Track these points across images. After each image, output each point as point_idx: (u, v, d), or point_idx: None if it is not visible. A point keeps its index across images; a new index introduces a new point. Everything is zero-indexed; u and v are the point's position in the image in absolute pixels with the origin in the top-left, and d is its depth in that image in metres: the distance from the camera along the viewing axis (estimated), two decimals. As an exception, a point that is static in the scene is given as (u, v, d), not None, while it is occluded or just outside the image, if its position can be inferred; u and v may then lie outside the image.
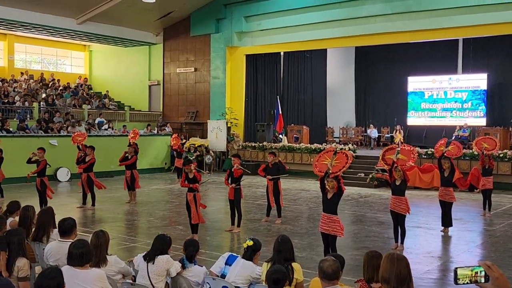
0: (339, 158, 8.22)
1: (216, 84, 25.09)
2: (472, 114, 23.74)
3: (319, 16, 21.74)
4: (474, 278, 2.47)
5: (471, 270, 2.48)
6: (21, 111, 22.34)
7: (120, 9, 23.50)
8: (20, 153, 18.60)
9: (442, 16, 19.28)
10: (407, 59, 25.19)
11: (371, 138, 24.66)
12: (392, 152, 9.83)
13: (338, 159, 8.18)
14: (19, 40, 27.49)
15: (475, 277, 2.47)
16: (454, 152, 11.52)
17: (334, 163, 8.09)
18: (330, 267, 4.22)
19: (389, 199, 9.82)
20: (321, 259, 4.36)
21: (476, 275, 2.48)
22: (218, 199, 16.11)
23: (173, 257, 5.61)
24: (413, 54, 24.82)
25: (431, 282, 7.67)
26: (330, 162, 8.05)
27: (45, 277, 3.76)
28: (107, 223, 12.09)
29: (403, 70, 25.54)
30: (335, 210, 8.17)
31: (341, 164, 8.13)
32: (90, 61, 31.13)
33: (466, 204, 14.78)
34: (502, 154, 17.44)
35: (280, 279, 4.38)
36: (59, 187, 18.57)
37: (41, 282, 3.73)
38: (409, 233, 9.94)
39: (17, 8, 22.02)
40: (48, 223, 6.48)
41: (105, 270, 5.07)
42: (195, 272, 5.45)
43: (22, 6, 22.05)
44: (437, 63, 24.51)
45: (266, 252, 6.58)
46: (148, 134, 24.11)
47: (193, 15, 25.60)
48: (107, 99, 27.72)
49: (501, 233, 11.21)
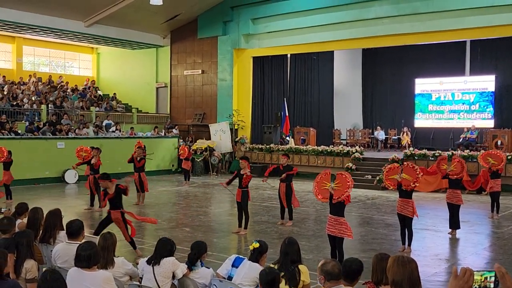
0: (339, 180, 8.03)
1: (223, 86, 25.12)
2: (480, 116, 23.64)
3: (326, 18, 21.72)
4: (483, 283, 2.41)
5: (481, 275, 2.42)
6: (29, 113, 22.46)
7: (128, 12, 23.59)
8: (28, 155, 18.75)
9: (449, 18, 19.22)
10: (414, 61, 25.13)
11: (378, 140, 24.58)
12: (394, 172, 9.60)
13: (339, 182, 8.01)
14: (28, 42, 27.66)
15: (484, 282, 2.41)
16: (458, 171, 11.40)
17: (335, 186, 8.00)
18: (335, 266, 4.26)
19: (396, 201, 9.79)
20: (322, 263, 4.36)
21: (486, 280, 2.41)
22: (225, 201, 16.13)
23: (179, 259, 5.62)
24: (420, 56, 24.76)
25: (439, 284, 7.64)
26: (331, 186, 8.00)
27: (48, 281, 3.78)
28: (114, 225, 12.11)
29: (410, 71, 25.47)
30: (342, 212, 8.19)
31: (343, 187, 7.93)
32: (98, 64, 31.27)
33: (473, 207, 14.71)
34: (510, 156, 17.34)
35: (275, 280, 4.38)
36: (67, 189, 18.66)
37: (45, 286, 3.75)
38: (416, 235, 9.91)
39: (25, 11, 22.14)
40: (55, 225, 6.51)
41: (112, 272, 5.08)
42: (202, 274, 5.46)
43: (30, 9, 22.17)
44: (444, 65, 24.42)
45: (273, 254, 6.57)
46: (155, 136, 24.17)
47: (200, 18, 25.65)
48: (115, 101, 27.81)
49: (509, 235, 11.15)
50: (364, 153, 21.12)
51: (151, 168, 20.59)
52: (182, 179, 20.27)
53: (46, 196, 16.27)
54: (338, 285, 4.25)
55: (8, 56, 27.52)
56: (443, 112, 24.82)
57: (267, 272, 4.47)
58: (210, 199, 16.95)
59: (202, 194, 17.65)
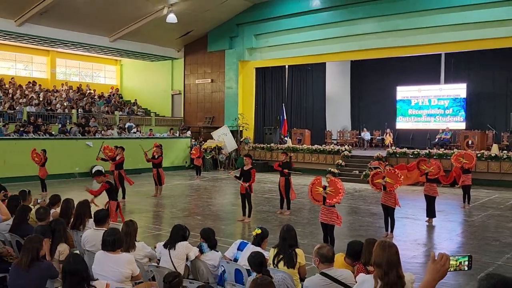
0: (332, 186, 7.93)
1: (230, 93, 25.13)
2: (453, 119, 23.57)
3: (319, 34, 21.74)
4: (458, 267, 2.41)
5: (456, 260, 2.41)
6: (61, 117, 22.49)
7: (147, 29, 23.61)
8: (61, 153, 18.79)
9: (426, 34, 19.19)
10: (396, 71, 25.08)
11: (364, 140, 24.55)
12: (379, 177, 9.49)
13: (331, 187, 7.91)
14: (60, 55, 27.69)
15: (459, 266, 2.41)
16: (435, 172, 11.37)
17: (329, 191, 7.93)
18: (330, 251, 4.25)
19: (381, 194, 9.76)
20: (318, 247, 4.35)
21: (460, 264, 2.41)
22: (231, 193, 16.13)
23: (192, 244, 5.62)
24: (401, 67, 24.70)
25: (417, 266, 7.63)
26: (324, 191, 7.96)
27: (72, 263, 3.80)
28: (135, 214, 12.13)
29: (392, 80, 25.41)
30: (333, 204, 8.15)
31: (335, 193, 7.84)
32: (121, 74, 31.28)
33: (448, 198, 14.68)
34: (480, 154, 17.30)
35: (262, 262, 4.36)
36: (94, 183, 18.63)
37: (71, 268, 3.77)
38: (397, 223, 9.88)
39: (58, 28, 22.20)
40: (85, 214, 6.53)
41: (133, 254, 5.09)
42: (211, 256, 5.46)
43: (63, 26, 22.23)
44: (422, 75, 24.37)
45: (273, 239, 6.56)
46: (171, 137, 24.18)
47: (210, 34, 25.65)
48: (136, 107, 27.83)
49: (479, 223, 11.12)
50: (352, 151, 21.09)
51: (167, 164, 20.60)
52: (194, 174, 20.28)
53: (76, 188, 16.28)
54: (330, 267, 4.25)
55: (44, 67, 27.56)
56: (421, 116, 24.77)
57: (253, 256, 4.43)
58: (219, 191, 16.95)
59: (211, 187, 17.66)
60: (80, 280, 3.73)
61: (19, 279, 4.38)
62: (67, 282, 3.74)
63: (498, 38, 17.75)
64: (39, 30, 21.74)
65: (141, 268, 4.99)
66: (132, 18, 22.69)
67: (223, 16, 24.12)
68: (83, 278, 3.75)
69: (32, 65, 27.24)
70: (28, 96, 23.51)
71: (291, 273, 4.80)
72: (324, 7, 21.31)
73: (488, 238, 9.58)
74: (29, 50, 26.09)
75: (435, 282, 2.40)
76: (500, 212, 12.54)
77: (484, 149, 18.87)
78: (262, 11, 23.29)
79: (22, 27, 21.16)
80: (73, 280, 3.72)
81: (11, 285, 4.46)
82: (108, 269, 4.58)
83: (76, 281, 3.72)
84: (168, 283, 3.97)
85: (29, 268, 4.37)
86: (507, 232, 10.11)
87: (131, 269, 4.68)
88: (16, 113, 21.18)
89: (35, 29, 21.59)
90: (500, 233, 9.96)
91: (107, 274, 4.55)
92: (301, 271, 5.08)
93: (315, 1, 21.50)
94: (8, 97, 22.65)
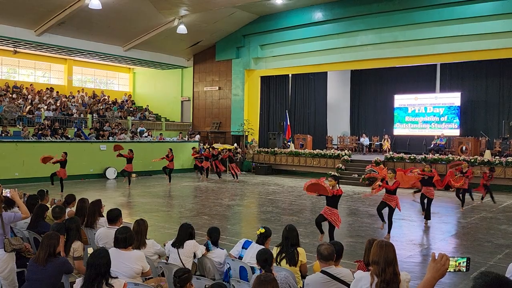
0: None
1: (236, 100, 25.16)
2: (448, 126, 23.46)
3: (321, 45, 21.76)
4: (457, 268, 2.38)
5: (455, 261, 2.37)
6: (77, 121, 22.59)
7: (159, 39, 23.71)
8: (76, 155, 18.86)
9: (423, 45, 19.18)
10: (394, 80, 25.05)
11: (363, 145, 24.47)
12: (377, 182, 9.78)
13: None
14: (77, 63, 27.84)
15: (458, 266, 2.38)
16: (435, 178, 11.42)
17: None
18: (326, 250, 4.22)
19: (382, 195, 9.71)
20: (319, 244, 4.34)
21: (459, 265, 2.38)
22: (237, 194, 16.11)
23: (199, 242, 5.62)
24: (398, 76, 24.68)
25: (413, 264, 7.59)
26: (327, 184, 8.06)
27: (96, 257, 3.79)
28: (146, 213, 12.15)
29: (390, 89, 25.37)
30: (336, 205, 8.18)
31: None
32: (133, 81, 31.41)
33: (442, 201, 14.61)
34: (473, 160, 17.23)
35: (268, 259, 4.34)
36: (108, 183, 18.72)
37: (93, 261, 3.77)
38: (395, 224, 9.85)
39: (75, 38, 22.34)
40: (96, 212, 6.51)
41: (144, 251, 5.09)
42: (217, 254, 5.45)
43: (79, 36, 22.37)
44: (418, 84, 24.32)
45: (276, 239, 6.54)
46: (180, 140, 24.22)
47: (217, 44, 25.73)
48: (147, 112, 27.91)
49: (472, 225, 11.06)
50: (352, 156, 21.05)
51: (176, 167, 20.65)
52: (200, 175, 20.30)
53: (91, 189, 16.35)
54: (327, 265, 4.21)
55: (61, 74, 27.71)
56: (418, 123, 24.67)
57: (261, 252, 4.44)
58: (225, 192, 16.95)
59: (218, 188, 17.64)
60: (97, 273, 3.71)
61: (36, 273, 4.39)
62: (87, 274, 3.74)
63: (491, 49, 17.73)
64: (57, 40, 21.89)
65: (151, 265, 4.99)
66: (144, 29, 22.80)
67: (230, 28, 24.20)
68: (100, 272, 3.73)
69: (50, 73, 27.40)
70: (46, 101, 23.64)
71: (293, 271, 4.79)
72: (326, 19, 21.35)
73: (480, 239, 9.52)
74: (47, 58, 26.26)
75: (435, 281, 2.39)
76: (492, 214, 12.47)
77: (477, 155, 18.79)
78: (267, 23, 23.35)
79: (41, 37, 21.32)
80: (92, 272, 3.71)
81: (29, 279, 4.48)
82: (120, 265, 4.58)
83: (95, 273, 3.70)
84: (178, 277, 3.98)
85: (46, 263, 4.39)
86: (499, 233, 10.04)
87: (141, 265, 4.68)
88: (34, 117, 21.31)
89: (53, 39, 21.74)
90: (492, 235, 9.90)
91: (119, 270, 4.55)
92: (303, 269, 5.06)
93: (318, 13, 21.54)
94: (27, 102, 22.79)
